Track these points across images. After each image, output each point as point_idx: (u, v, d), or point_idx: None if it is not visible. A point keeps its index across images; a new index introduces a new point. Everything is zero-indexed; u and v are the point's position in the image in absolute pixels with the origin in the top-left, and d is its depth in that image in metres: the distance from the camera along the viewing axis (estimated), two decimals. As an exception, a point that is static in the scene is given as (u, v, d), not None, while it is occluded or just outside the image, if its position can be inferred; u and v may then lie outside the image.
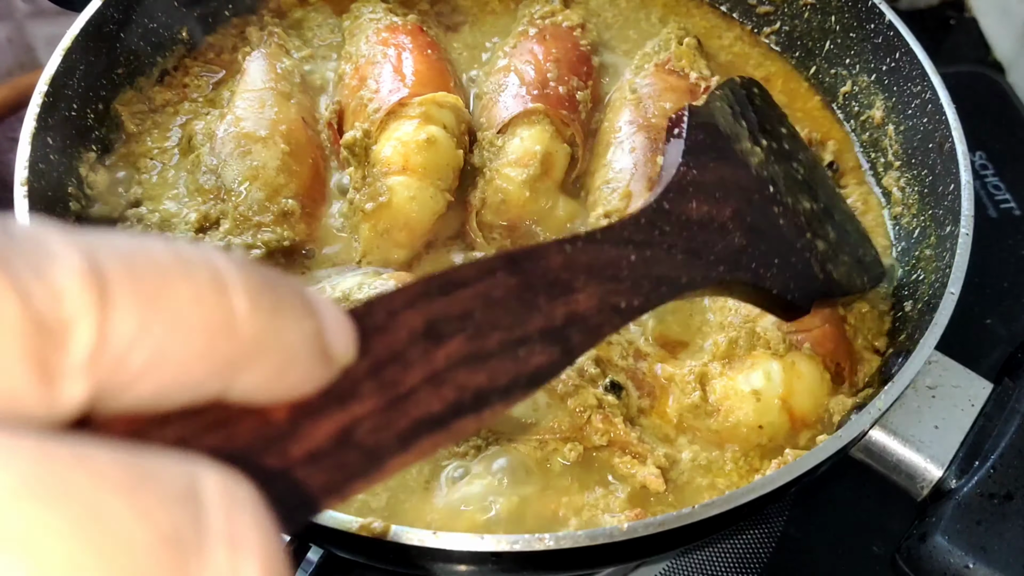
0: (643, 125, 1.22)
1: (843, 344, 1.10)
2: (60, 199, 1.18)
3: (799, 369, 1.06)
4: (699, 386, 1.06)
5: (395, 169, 1.18)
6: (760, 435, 1.05)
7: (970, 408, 1.05)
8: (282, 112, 1.27)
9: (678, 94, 1.27)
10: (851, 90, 1.41)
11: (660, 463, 1.01)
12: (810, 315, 1.04)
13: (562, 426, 1.00)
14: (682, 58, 1.33)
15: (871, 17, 1.37)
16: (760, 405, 1.05)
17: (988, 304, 1.62)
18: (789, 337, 1.07)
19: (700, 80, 1.31)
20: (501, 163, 1.22)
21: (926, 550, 0.98)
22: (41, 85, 1.19)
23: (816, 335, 1.07)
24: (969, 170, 1.15)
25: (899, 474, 1.04)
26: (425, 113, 1.22)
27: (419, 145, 1.19)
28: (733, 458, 1.04)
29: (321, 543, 1.01)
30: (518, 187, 1.20)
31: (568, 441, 1.00)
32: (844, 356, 1.09)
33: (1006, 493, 0.99)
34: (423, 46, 1.35)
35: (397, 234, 1.18)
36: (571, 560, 0.89)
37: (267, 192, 1.18)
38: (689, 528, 0.87)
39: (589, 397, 1.03)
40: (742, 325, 1.08)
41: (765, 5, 1.52)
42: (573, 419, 1.01)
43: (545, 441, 1.00)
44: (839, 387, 1.08)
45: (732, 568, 1.34)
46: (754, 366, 1.06)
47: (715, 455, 1.04)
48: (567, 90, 1.28)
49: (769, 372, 1.05)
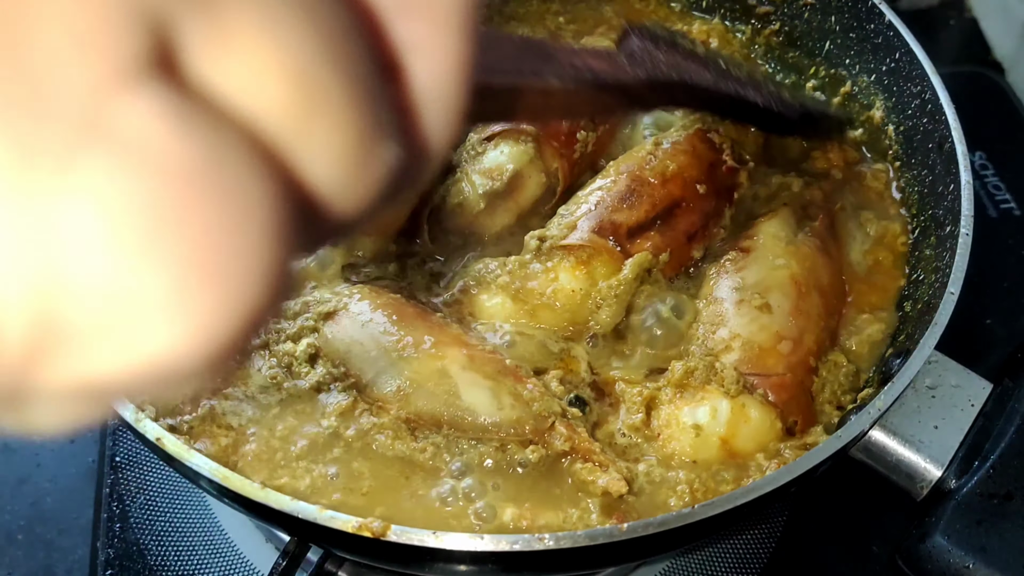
0: (634, 175, 1.19)
1: (802, 397, 1.06)
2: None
3: (748, 413, 1.03)
4: (644, 408, 1.05)
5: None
6: (694, 469, 1.02)
7: (970, 408, 1.05)
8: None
9: (693, 161, 1.22)
10: (851, 90, 1.41)
11: (623, 472, 1.00)
12: (774, 361, 1.05)
13: (525, 428, 1.00)
14: (731, 133, 1.27)
15: (871, 17, 1.37)
16: (698, 440, 1.02)
17: (988, 304, 1.62)
18: (745, 379, 1.04)
19: (729, 158, 1.25)
20: (472, 168, 1.22)
21: (926, 550, 0.98)
22: (41, 85, 1.19)
23: (774, 382, 1.04)
24: (969, 170, 1.15)
25: (899, 474, 1.04)
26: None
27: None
28: (687, 479, 1.01)
29: (321, 543, 1.01)
30: (477, 197, 1.20)
31: (530, 444, 1.01)
32: (800, 410, 1.05)
33: (1006, 493, 0.99)
34: None
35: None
36: (571, 560, 0.89)
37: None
38: (689, 528, 0.87)
39: (554, 404, 1.02)
40: (703, 357, 1.06)
41: (765, 5, 1.52)
42: (536, 423, 1.01)
43: (506, 443, 1.00)
44: (787, 440, 1.04)
45: (732, 568, 1.34)
46: (703, 400, 1.04)
47: (670, 474, 1.02)
48: (571, 126, 1.27)
49: (716, 409, 1.03)
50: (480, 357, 1.04)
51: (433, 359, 1.02)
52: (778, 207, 1.24)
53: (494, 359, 1.05)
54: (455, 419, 1.00)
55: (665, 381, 1.07)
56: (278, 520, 0.89)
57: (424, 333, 1.04)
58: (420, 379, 1.01)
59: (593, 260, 1.13)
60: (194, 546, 1.35)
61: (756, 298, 1.09)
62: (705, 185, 1.21)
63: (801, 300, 1.10)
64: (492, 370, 1.03)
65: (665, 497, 1.00)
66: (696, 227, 1.20)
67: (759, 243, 1.17)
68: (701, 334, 1.10)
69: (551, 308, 1.12)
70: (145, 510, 1.38)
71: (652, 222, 1.16)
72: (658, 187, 1.19)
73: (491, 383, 1.02)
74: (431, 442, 1.00)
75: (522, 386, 1.03)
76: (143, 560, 1.33)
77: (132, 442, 1.44)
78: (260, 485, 0.89)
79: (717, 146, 1.28)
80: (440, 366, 1.02)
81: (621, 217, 1.15)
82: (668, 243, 1.17)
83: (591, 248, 1.12)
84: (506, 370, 1.04)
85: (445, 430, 1.00)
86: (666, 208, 1.18)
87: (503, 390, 1.01)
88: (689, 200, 1.20)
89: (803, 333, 1.08)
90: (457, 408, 1.00)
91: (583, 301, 1.12)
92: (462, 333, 1.09)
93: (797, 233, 1.19)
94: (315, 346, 1.05)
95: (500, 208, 1.22)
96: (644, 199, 1.17)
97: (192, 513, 1.38)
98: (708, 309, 1.12)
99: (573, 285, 1.12)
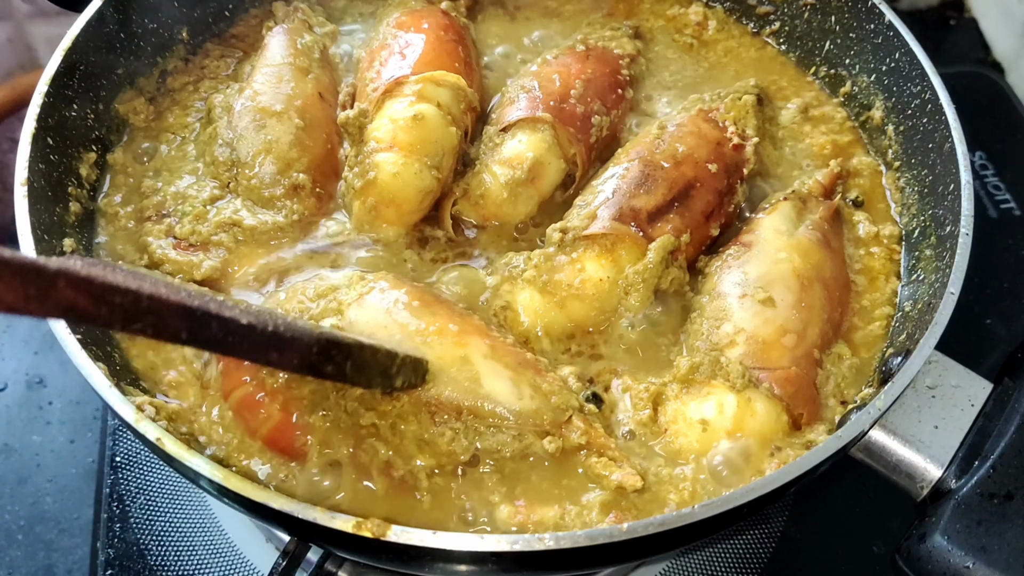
0: (646, 159, 1.21)
1: (807, 390, 1.07)
2: (60, 199, 1.18)
3: (754, 407, 1.03)
4: (651, 405, 1.06)
5: (383, 146, 1.20)
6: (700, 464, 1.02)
7: (970, 408, 1.05)
8: (299, 87, 1.30)
9: (700, 142, 1.25)
10: (851, 90, 1.41)
11: (637, 468, 1.00)
12: (779, 354, 1.05)
13: (543, 419, 1.01)
14: (731, 111, 1.31)
15: (871, 17, 1.37)
16: (705, 435, 1.03)
17: (988, 304, 1.62)
18: (750, 373, 1.04)
19: (735, 135, 1.28)
20: (492, 159, 1.24)
21: (926, 550, 0.98)
22: (41, 85, 1.19)
23: (779, 375, 1.05)
24: (969, 170, 1.15)
25: (899, 474, 1.04)
26: (420, 92, 1.24)
27: (407, 122, 1.21)
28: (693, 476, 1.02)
29: (321, 543, 1.01)
30: (499, 186, 1.21)
31: (547, 435, 1.01)
32: (806, 403, 1.06)
33: (1006, 493, 0.99)
34: (437, 27, 1.36)
35: (384, 210, 1.20)
36: (571, 560, 0.89)
37: (279, 165, 1.22)
38: (689, 528, 0.87)
39: (572, 399, 1.03)
40: (708, 352, 1.07)
41: (765, 5, 1.52)
42: (555, 415, 1.01)
43: (523, 433, 1.01)
44: (794, 433, 1.05)
45: (732, 568, 1.34)
46: (709, 395, 1.05)
47: (677, 471, 1.02)
48: (585, 111, 1.28)
49: (722, 404, 1.04)
50: (502, 348, 1.05)
51: (456, 346, 1.03)
52: (778, 201, 1.24)
53: (515, 351, 1.06)
54: (475, 406, 1.00)
55: (671, 377, 1.08)
56: (278, 520, 0.89)
57: (448, 321, 1.05)
58: (443, 364, 1.01)
59: (617, 247, 1.13)
60: (194, 546, 1.35)
61: (759, 292, 1.09)
62: (715, 164, 1.23)
63: (804, 293, 1.10)
64: (513, 361, 1.04)
65: (666, 494, 1.01)
66: (712, 206, 1.21)
67: (760, 237, 1.18)
68: (705, 329, 1.10)
69: (580, 298, 1.12)
70: (145, 510, 1.38)
71: (670, 205, 1.18)
72: (671, 170, 1.20)
73: (512, 373, 1.02)
74: (450, 427, 1.00)
75: (542, 379, 1.03)
76: (143, 560, 1.33)
77: (132, 442, 1.44)
78: (260, 485, 0.89)
79: (720, 124, 1.30)
80: (463, 353, 1.02)
81: (639, 202, 1.16)
82: (688, 224, 1.18)
83: (614, 235, 1.13)
84: (526, 362, 1.05)
85: (465, 416, 1.00)
86: (681, 190, 1.19)
87: (523, 381, 1.02)
88: (702, 180, 1.21)
89: (806, 326, 1.08)
90: (478, 395, 1.00)
91: (611, 289, 1.12)
92: (484, 324, 1.10)
93: (798, 226, 1.20)
94: (339, 327, 1.05)
95: (523, 196, 1.23)
96: (660, 183, 1.18)
97: (192, 513, 1.38)
98: (712, 304, 1.12)
99: (600, 274, 1.12)
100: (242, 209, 1.20)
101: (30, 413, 1.54)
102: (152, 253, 1.17)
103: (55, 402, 1.55)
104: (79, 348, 0.96)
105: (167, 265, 1.16)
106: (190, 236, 1.18)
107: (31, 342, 1.63)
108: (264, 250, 1.19)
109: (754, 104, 1.33)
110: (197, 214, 1.20)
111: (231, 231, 1.18)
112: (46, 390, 1.57)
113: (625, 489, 0.99)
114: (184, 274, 1.15)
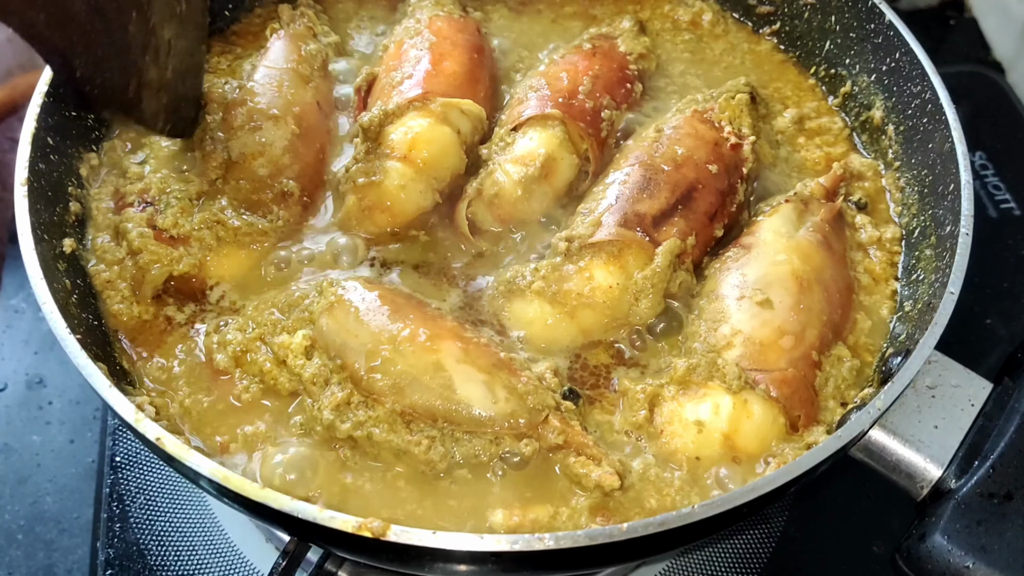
0: (646, 163, 1.21)
1: (805, 392, 1.06)
2: (60, 199, 1.18)
3: (750, 408, 1.03)
4: (648, 406, 1.06)
5: (397, 155, 1.21)
6: (697, 466, 1.03)
7: (970, 408, 1.05)
8: (299, 94, 1.30)
9: (698, 143, 1.25)
10: (851, 90, 1.41)
11: (615, 467, 1.00)
12: (776, 356, 1.05)
13: (519, 421, 1.01)
14: (725, 111, 1.30)
15: (871, 17, 1.37)
16: (700, 437, 1.03)
17: (988, 304, 1.62)
18: (747, 375, 1.04)
19: (731, 135, 1.28)
20: (505, 158, 1.24)
21: (926, 550, 0.98)
22: (41, 85, 1.19)
23: (776, 377, 1.04)
24: (969, 170, 1.15)
25: (899, 474, 1.04)
26: (445, 115, 1.24)
27: (427, 140, 1.21)
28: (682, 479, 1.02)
29: (321, 543, 1.01)
30: (513, 184, 1.21)
31: (524, 438, 1.01)
32: (803, 405, 1.05)
33: (1006, 493, 0.99)
34: (471, 48, 1.37)
35: (378, 215, 1.21)
36: (571, 560, 0.89)
37: (270, 170, 1.22)
38: (689, 528, 0.87)
39: (548, 398, 1.03)
40: (705, 353, 1.07)
41: (765, 5, 1.52)
42: (531, 416, 1.01)
43: (500, 437, 1.01)
44: (792, 435, 1.04)
45: (732, 568, 1.34)
46: (705, 397, 1.04)
47: (666, 474, 1.02)
48: (594, 106, 1.29)
49: (718, 406, 1.03)
50: (475, 350, 1.05)
51: (428, 352, 1.02)
52: (780, 203, 1.24)
53: (489, 352, 1.06)
54: (450, 412, 1.00)
55: (668, 378, 1.07)
56: (278, 520, 0.89)
57: (419, 325, 1.05)
58: (416, 372, 1.01)
59: (625, 253, 1.13)
60: (194, 546, 1.35)
61: (757, 294, 1.09)
62: (715, 164, 1.23)
63: (802, 295, 1.10)
64: (487, 363, 1.03)
65: (654, 493, 1.01)
66: (715, 207, 1.21)
67: (760, 239, 1.18)
68: (703, 331, 1.10)
69: (591, 307, 1.12)
70: (145, 510, 1.38)
71: (674, 208, 1.17)
72: (672, 172, 1.20)
73: (485, 376, 1.02)
74: (426, 435, 1.00)
75: (516, 379, 1.03)
76: (143, 560, 1.33)
77: (132, 442, 1.44)
78: (260, 485, 0.89)
79: (716, 124, 1.30)
80: (435, 359, 1.02)
81: (643, 207, 1.16)
82: (692, 226, 1.17)
83: (621, 242, 1.13)
84: (501, 363, 1.05)
85: (440, 423, 1.00)
86: (684, 192, 1.19)
87: (497, 383, 1.02)
88: (704, 181, 1.21)
89: (805, 328, 1.08)
90: (452, 401, 1.00)
91: (621, 295, 1.12)
92: (457, 325, 1.09)
93: (799, 228, 1.20)
94: (311, 337, 1.06)
95: (537, 193, 1.23)
96: (662, 186, 1.18)
97: (192, 513, 1.38)
98: (710, 306, 1.12)
99: (609, 281, 1.12)
100: (227, 208, 1.20)
101: (30, 413, 1.54)
102: (131, 241, 1.15)
103: (55, 402, 1.55)
104: (79, 348, 0.96)
105: (145, 255, 1.14)
106: (172, 228, 1.16)
107: (31, 342, 1.63)
108: (244, 252, 1.19)
109: (747, 102, 1.33)
110: (183, 207, 1.18)
111: (214, 228, 1.17)
112: (46, 390, 1.57)
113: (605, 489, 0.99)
114: (162, 265, 1.14)
